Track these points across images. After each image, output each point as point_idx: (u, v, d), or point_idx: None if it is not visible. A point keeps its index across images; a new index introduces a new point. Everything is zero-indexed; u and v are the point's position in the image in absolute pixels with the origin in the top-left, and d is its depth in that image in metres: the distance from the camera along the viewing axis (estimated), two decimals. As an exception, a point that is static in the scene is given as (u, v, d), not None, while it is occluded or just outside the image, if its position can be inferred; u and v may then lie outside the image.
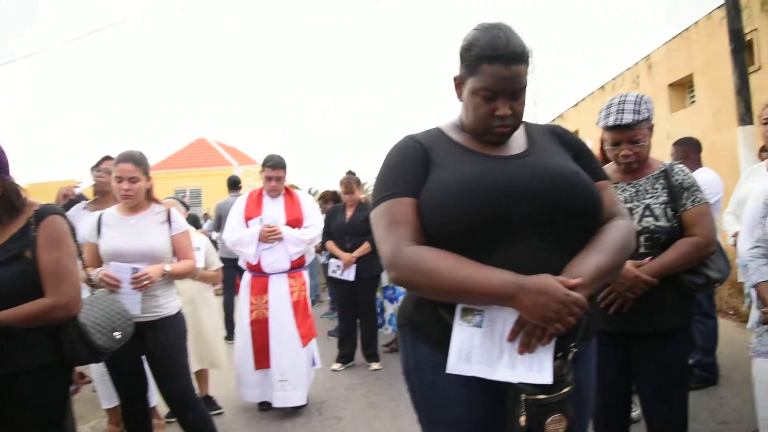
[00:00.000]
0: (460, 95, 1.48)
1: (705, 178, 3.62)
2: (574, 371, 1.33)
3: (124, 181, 2.74)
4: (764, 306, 1.77)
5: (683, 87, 9.40)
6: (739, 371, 3.54)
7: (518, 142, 1.49)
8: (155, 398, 3.31)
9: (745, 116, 6.16)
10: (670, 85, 9.47)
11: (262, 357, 3.82)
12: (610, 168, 2.35)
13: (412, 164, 1.44)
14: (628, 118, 2.11)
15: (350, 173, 5.39)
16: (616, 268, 1.38)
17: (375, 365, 4.95)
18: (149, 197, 2.89)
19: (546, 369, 1.25)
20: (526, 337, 1.27)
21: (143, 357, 2.79)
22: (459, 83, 1.47)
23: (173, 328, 2.82)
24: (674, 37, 9.17)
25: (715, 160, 6.68)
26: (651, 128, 2.20)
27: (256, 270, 3.87)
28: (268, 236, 3.77)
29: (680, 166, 2.22)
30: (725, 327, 4.25)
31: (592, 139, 2.62)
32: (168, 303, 2.81)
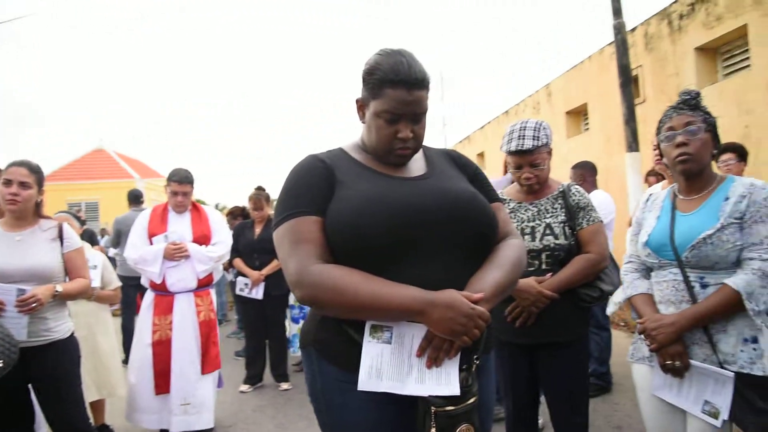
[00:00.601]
0: (362, 117, 1.51)
1: (600, 199, 3.89)
2: (478, 382, 1.37)
3: (14, 185, 2.52)
4: (639, 317, 1.91)
5: (579, 115, 10.09)
6: (630, 378, 3.78)
7: (418, 164, 1.55)
8: (43, 430, 3.03)
9: (633, 144, 6.69)
10: (567, 113, 10.14)
11: (162, 381, 3.59)
12: (513, 188, 2.48)
13: (317, 182, 1.44)
14: (528, 144, 2.23)
15: (259, 189, 5.29)
16: (513, 283, 1.46)
17: (285, 385, 4.83)
18: (38, 212, 2.67)
19: (453, 381, 1.29)
20: (434, 351, 1.30)
21: (29, 385, 2.55)
22: (362, 105, 1.50)
23: (64, 352, 2.61)
24: (571, 69, 9.85)
25: (607, 183, 7.20)
26: (549, 152, 2.35)
27: (161, 289, 3.67)
28: (174, 254, 3.60)
29: (576, 187, 2.37)
30: (617, 338, 4.56)
31: (498, 160, 2.75)
32: (59, 326, 2.61)
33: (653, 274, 1.95)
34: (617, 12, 6.79)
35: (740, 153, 3.64)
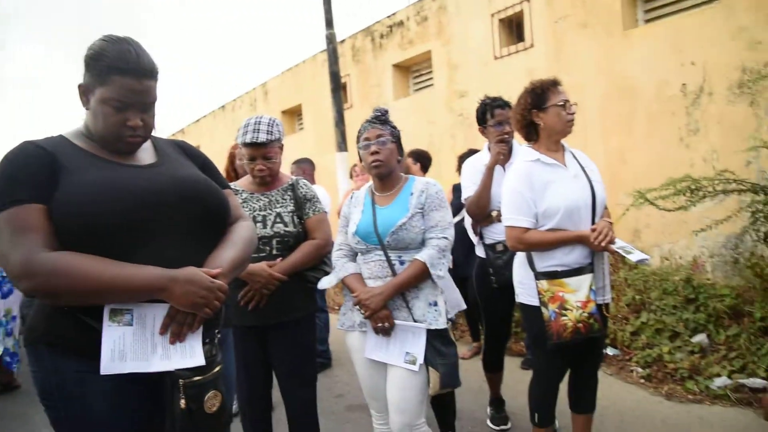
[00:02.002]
0: (86, 103, 1.46)
1: (318, 193, 4.27)
2: (221, 354, 1.49)
3: None
4: (353, 293, 2.26)
5: (294, 114, 10.67)
6: (345, 353, 4.28)
7: (147, 153, 1.57)
8: None
9: (342, 144, 7.43)
10: (283, 112, 10.63)
11: None
12: (246, 180, 2.61)
13: (38, 170, 1.36)
14: (262, 137, 2.39)
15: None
16: (246, 260, 1.62)
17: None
18: None
19: (198, 353, 1.38)
20: (177, 327, 1.37)
21: None
22: (85, 90, 1.45)
23: None
24: (287, 70, 10.35)
25: (320, 179, 7.83)
26: (281, 147, 2.55)
27: None
28: None
29: (304, 181, 2.62)
30: (333, 319, 5.06)
31: (214, 153, 2.89)
32: None
33: (361, 257, 2.32)
34: (329, 23, 7.42)
35: (416, 157, 4.52)
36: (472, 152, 4.14)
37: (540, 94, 2.39)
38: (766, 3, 4.26)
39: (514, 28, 6.42)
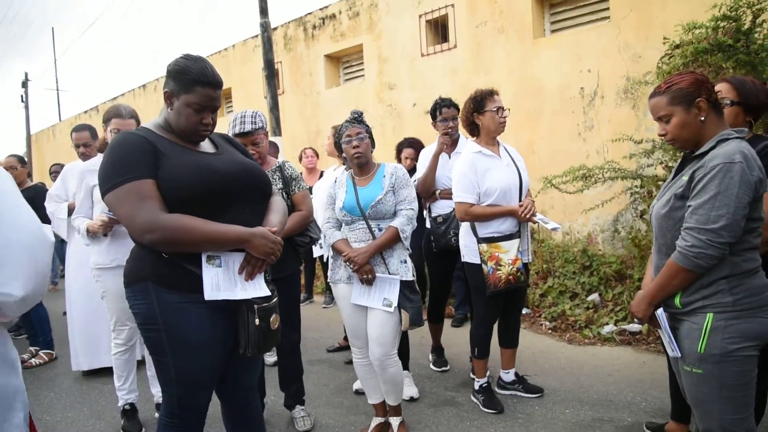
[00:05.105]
0: (170, 105, 1.94)
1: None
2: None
3: None
4: (342, 253, 2.82)
5: (222, 97, 10.72)
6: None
7: (207, 143, 2.07)
8: None
9: (276, 129, 7.79)
10: (210, 95, 10.71)
11: None
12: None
13: (145, 153, 1.83)
14: (248, 127, 2.90)
15: None
16: (285, 223, 2.16)
17: None
18: None
19: (264, 287, 1.92)
20: (251, 269, 1.90)
21: None
22: (170, 95, 1.92)
23: None
24: (215, 53, 10.45)
25: (256, 163, 8.16)
26: (266, 134, 3.05)
27: None
28: None
29: (289, 163, 3.14)
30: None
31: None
32: None
33: (346, 227, 2.88)
34: (264, 11, 7.70)
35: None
36: (407, 141, 4.70)
37: (480, 101, 3.07)
38: (646, 24, 5.23)
39: (439, 29, 7.12)
